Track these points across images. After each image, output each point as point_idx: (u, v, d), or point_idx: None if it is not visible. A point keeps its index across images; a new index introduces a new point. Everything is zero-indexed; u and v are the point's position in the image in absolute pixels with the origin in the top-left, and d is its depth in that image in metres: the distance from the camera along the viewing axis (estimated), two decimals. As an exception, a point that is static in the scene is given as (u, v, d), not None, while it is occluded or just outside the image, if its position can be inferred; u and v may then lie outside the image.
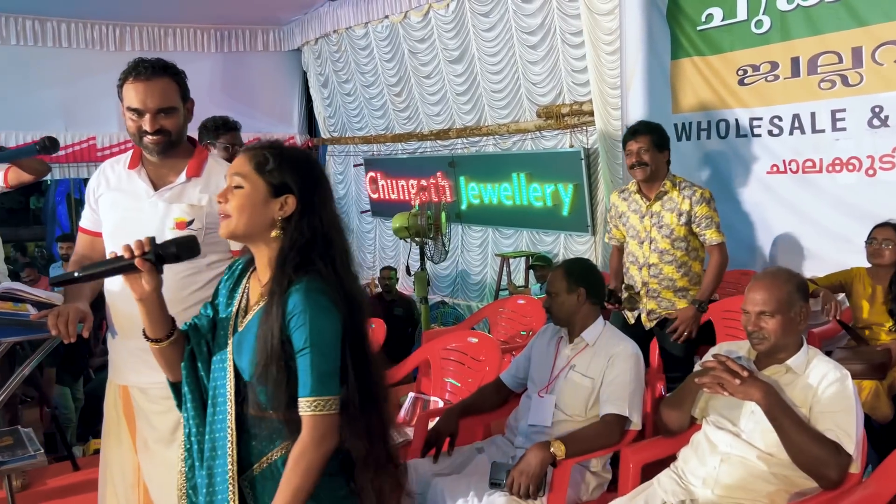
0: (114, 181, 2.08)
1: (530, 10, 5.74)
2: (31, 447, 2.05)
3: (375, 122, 7.90)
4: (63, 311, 1.84)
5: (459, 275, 7.16)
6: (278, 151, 1.50)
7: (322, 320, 1.42)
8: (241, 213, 1.47)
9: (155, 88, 1.96)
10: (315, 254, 1.46)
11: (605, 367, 2.34)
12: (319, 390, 1.41)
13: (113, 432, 2.09)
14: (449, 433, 2.34)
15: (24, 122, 6.92)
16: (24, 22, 7.06)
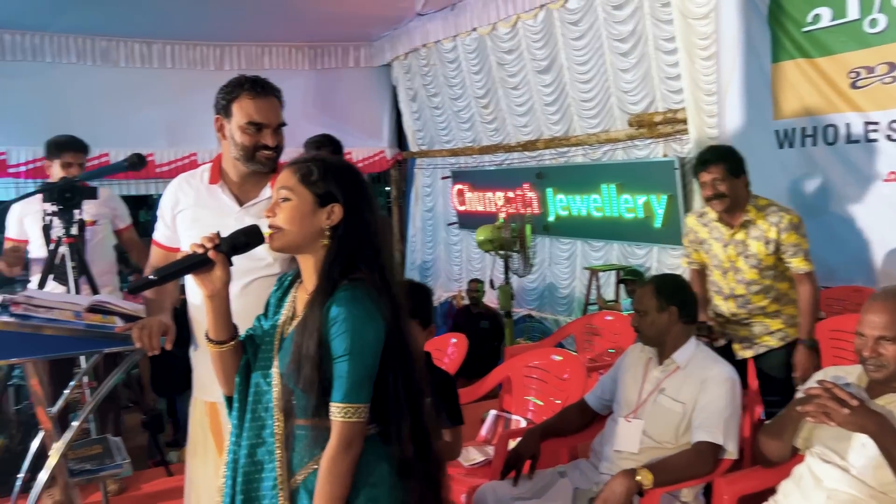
0: (193, 197, 2.10)
1: (621, 18, 5.59)
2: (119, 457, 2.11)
3: (463, 135, 7.89)
4: (147, 324, 1.88)
5: (547, 288, 7.03)
6: (321, 163, 1.52)
7: (364, 329, 1.43)
8: (291, 224, 1.49)
9: (273, 105, 2.01)
10: (361, 261, 1.48)
11: (698, 391, 2.19)
12: (352, 397, 1.42)
13: (199, 450, 2.10)
14: (530, 455, 2.26)
15: (131, 140, 7.27)
16: (133, 45, 7.46)
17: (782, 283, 3.00)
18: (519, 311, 7.28)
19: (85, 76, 7.28)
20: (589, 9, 5.84)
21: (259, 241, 1.54)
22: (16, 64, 7.00)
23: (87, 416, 1.99)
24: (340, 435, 1.42)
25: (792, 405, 1.94)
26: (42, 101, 7.01)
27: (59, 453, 1.92)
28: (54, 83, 7.12)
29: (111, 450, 2.14)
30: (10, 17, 6.67)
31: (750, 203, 2.96)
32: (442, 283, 8.53)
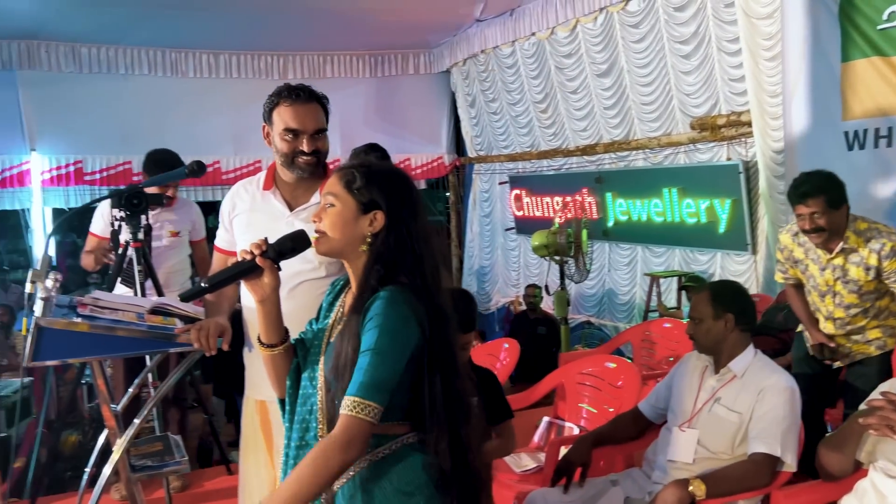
0: (248, 202, 2.17)
1: (683, 19, 5.49)
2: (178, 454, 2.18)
3: (521, 140, 7.87)
4: (204, 326, 1.94)
5: (606, 294, 6.93)
6: (366, 169, 1.53)
7: (396, 330, 1.41)
8: (334, 230, 1.51)
9: (311, 111, 2.05)
10: (402, 267, 1.48)
11: (755, 401, 2.13)
12: (366, 394, 1.38)
13: (251, 447, 2.16)
14: (581, 463, 2.23)
15: (199, 148, 7.47)
16: (200, 56, 7.72)
17: (882, 300, 2.92)
18: (577, 318, 7.21)
19: (156, 87, 7.57)
20: (650, 11, 5.75)
21: (305, 245, 1.57)
22: (92, 76, 7.33)
23: (148, 415, 2.06)
24: (343, 429, 1.37)
25: (854, 417, 1.87)
26: (116, 111, 7.34)
27: (122, 449, 2.00)
28: (127, 94, 7.43)
29: (171, 447, 2.22)
30: (87, 32, 7.00)
31: (849, 229, 2.82)
32: (499, 289, 8.51)
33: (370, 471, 1.46)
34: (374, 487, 1.45)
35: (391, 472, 1.46)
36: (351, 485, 1.47)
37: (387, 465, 1.46)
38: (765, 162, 4.88)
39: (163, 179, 3.16)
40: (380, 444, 1.46)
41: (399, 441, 1.48)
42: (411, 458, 1.47)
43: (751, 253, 5.35)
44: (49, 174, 7.39)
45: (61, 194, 7.44)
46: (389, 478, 1.46)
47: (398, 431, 1.49)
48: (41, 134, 7.29)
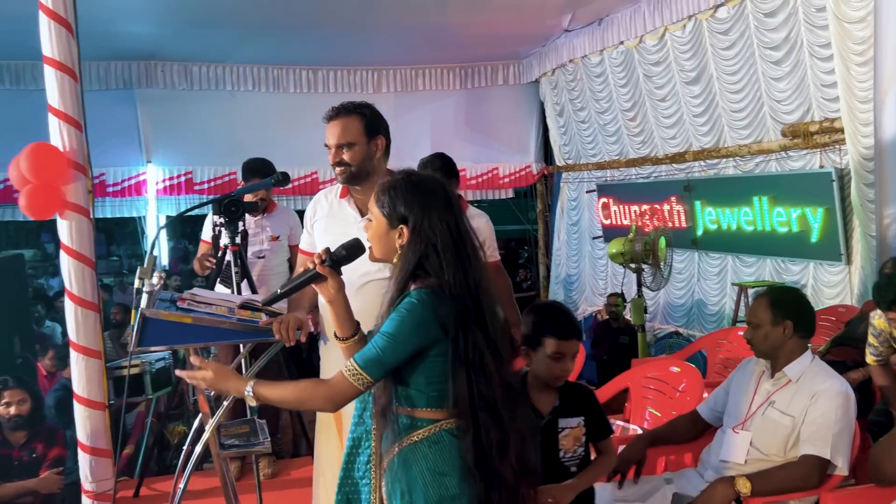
0: (326, 209, 2.39)
1: (774, 25, 5.39)
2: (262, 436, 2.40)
3: (609, 148, 7.87)
4: (285, 320, 2.16)
5: (695, 304, 6.83)
6: (392, 189, 1.70)
7: (410, 325, 1.59)
8: (374, 242, 1.74)
9: (336, 127, 2.26)
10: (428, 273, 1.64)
11: (808, 404, 2.14)
12: (364, 365, 1.60)
13: (324, 430, 2.37)
14: (636, 460, 2.30)
15: (298, 158, 7.92)
16: (300, 72, 8.15)
17: None
18: (665, 328, 7.13)
19: (259, 102, 8.06)
20: (739, 17, 5.67)
21: (359, 253, 1.78)
22: (202, 93, 7.89)
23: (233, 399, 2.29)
24: (334, 383, 1.62)
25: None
26: (223, 125, 7.85)
27: (211, 427, 2.24)
28: (233, 109, 7.94)
29: (257, 430, 2.45)
30: (198, 52, 7.55)
31: None
32: (586, 298, 8.51)
33: (409, 449, 1.63)
34: (412, 464, 1.62)
35: (428, 453, 1.62)
36: (395, 460, 1.64)
37: (424, 447, 1.63)
38: (855, 169, 4.73)
39: (253, 188, 3.44)
40: (420, 426, 1.63)
41: (437, 425, 1.64)
42: (447, 442, 1.63)
43: (845, 263, 5.18)
44: (163, 184, 8.00)
45: (173, 203, 8.03)
46: (426, 457, 1.62)
47: (436, 417, 1.64)
48: (156, 147, 7.91)
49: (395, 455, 1.65)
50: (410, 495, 1.60)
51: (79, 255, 3.34)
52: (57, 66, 3.31)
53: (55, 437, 3.93)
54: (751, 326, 2.34)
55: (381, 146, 2.30)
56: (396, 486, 1.63)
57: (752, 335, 2.34)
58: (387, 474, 1.66)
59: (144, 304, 2.03)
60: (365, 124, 2.27)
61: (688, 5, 6.01)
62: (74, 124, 3.37)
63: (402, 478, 1.61)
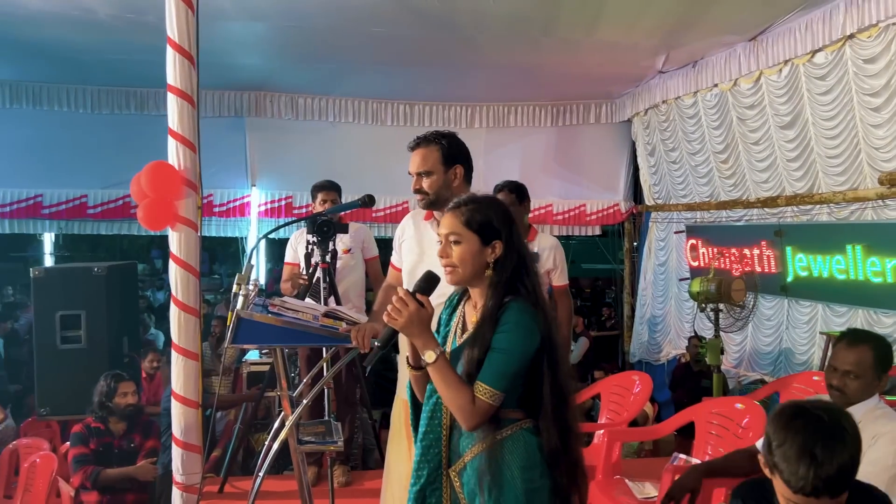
0: (413, 230, 2.58)
1: (874, 71, 5.28)
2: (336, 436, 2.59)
3: (700, 189, 7.80)
4: (362, 328, 2.35)
5: (783, 353, 6.63)
6: (476, 207, 1.83)
7: (522, 336, 1.73)
8: (464, 264, 1.83)
9: (416, 157, 2.46)
10: (518, 281, 1.78)
11: (868, 446, 2.13)
12: (493, 382, 1.71)
13: (395, 441, 2.52)
14: (690, 489, 2.34)
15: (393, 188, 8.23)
16: (398, 106, 8.52)
17: None
18: (750, 375, 6.94)
19: (358, 133, 8.46)
20: (838, 62, 5.59)
21: (436, 283, 1.86)
22: (306, 123, 8.38)
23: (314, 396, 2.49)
24: (477, 407, 1.72)
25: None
26: (323, 153, 8.28)
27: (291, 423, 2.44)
28: (334, 139, 8.39)
29: (332, 430, 2.64)
30: (303, 84, 8.05)
31: None
32: (671, 340, 8.38)
33: (496, 448, 1.77)
34: (500, 461, 1.76)
35: (514, 450, 1.77)
36: (480, 458, 1.78)
37: (510, 444, 1.77)
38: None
39: (342, 208, 3.69)
40: (502, 426, 1.78)
41: (517, 425, 1.79)
42: (528, 440, 1.78)
43: (940, 315, 4.97)
44: (264, 206, 8.50)
45: (273, 225, 8.50)
46: (513, 454, 1.76)
47: (514, 416, 1.79)
48: (261, 172, 8.43)
49: (479, 453, 1.78)
50: (500, 490, 1.73)
51: (185, 264, 3.67)
52: (178, 93, 3.69)
53: (151, 429, 4.27)
54: (844, 374, 2.31)
55: (459, 174, 2.46)
56: (484, 482, 1.75)
57: (844, 383, 2.31)
58: (467, 473, 1.79)
59: (240, 306, 2.26)
60: (443, 154, 2.43)
61: (784, 50, 5.97)
62: (190, 146, 3.73)
63: (489, 473, 1.74)
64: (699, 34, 6.35)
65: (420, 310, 1.78)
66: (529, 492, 1.73)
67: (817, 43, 5.62)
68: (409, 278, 2.51)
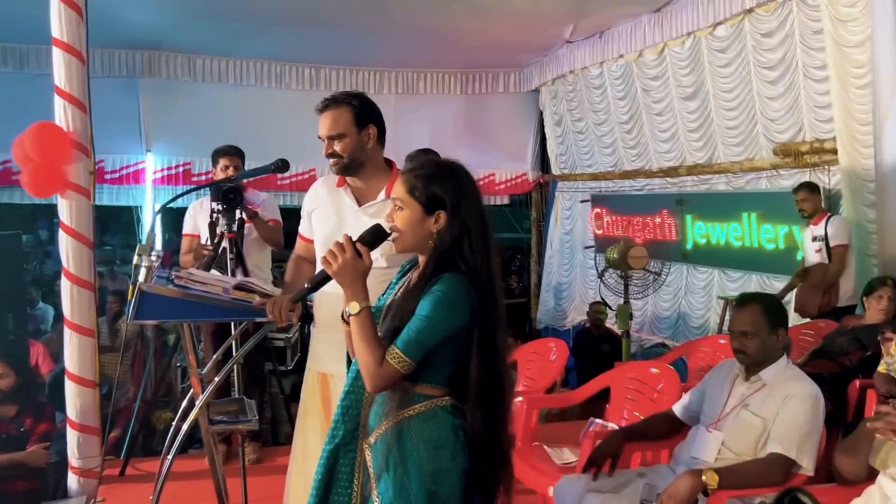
0: (325, 197, 2.43)
1: (770, 45, 5.50)
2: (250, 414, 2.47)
3: (604, 159, 7.96)
4: (278, 301, 2.22)
5: (682, 317, 6.91)
6: (425, 175, 1.73)
7: (446, 308, 1.64)
8: (406, 231, 1.74)
9: (326, 119, 2.29)
10: (459, 254, 1.69)
11: (780, 406, 2.22)
12: (405, 349, 1.64)
13: (310, 416, 2.41)
14: (611, 454, 2.37)
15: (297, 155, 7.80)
16: (303, 69, 8.22)
17: None
18: (652, 339, 7.21)
19: (261, 97, 8.11)
20: (737, 36, 5.77)
21: (383, 237, 1.78)
22: (205, 85, 7.95)
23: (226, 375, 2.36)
24: (383, 369, 1.64)
25: (864, 423, 1.94)
26: (224, 118, 7.87)
27: (201, 403, 2.31)
28: (235, 103, 8.00)
29: (245, 408, 2.51)
30: (203, 44, 7.62)
31: None
32: (576, 306, 8.59)
33: (403, 424, 1.69)
34: (405, 437, 1.68)
35: (423, 427, 1.68)
36: (388, 433, 1.70)
37: (419, 421, 1.69)
38: (854, 189, 4.83)
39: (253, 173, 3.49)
40: (416, 401, 1.69)
41: (432, 402, 1.70)
42: (442, 418, 1.69)
43: (829, 281, 5.27)
44: (161, 174, 8.05)
45: (170, 193, 8.05)
46: (420, 430, 1.68)
47: (431, 392, 1.71)
48: (156, 136, 7.96)
49: (388, 429, 1.70)
50: (404, 466, 1.66)
51: (78, 234, 3.40)
52: (65, 48, 3.38)
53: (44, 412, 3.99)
54: (741, 335, 2.36)
55: (372, 135, 2.33)
56: (390, 459, 1.68)
57: (743, 344, 2.36)
58: (375, 447, 1.72)
59: (142, 279, 2.09)
60: (354, 114, 2.29)
61: (687, 22, 6.12)
62: (79, 106, 3.44)
63: (395, 450, 1.67)
64: (607, 4, 6.42)
65: (356, 259, 1.69)
66: (436, 472, 1.65)
67: (719, 16, 5.78)
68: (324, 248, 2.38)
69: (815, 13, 5.02)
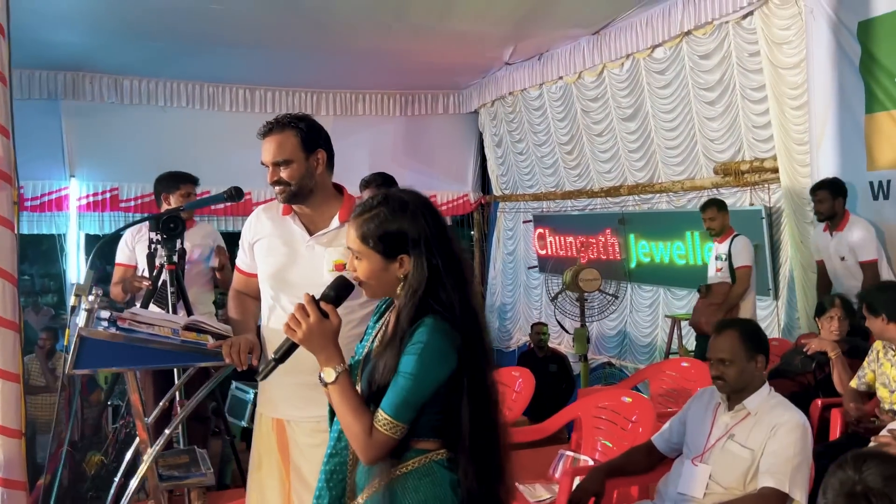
0: (269, 227, 2.23)
1: (708, 67, 5.60)
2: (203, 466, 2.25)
3: (546, 180, 7.98)
4: (235, 342, 2.03)
5: (627, 336, 6.94)
6: (376, 216, 1.56)
7: (431, 360, 1.49)
8: (370, 280, 1.59)
9: (271, 144, 2.11)
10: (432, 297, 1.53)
11: (768, 437, 2.17)
12: (395, 412, 1.48)
13: (265, 464, 2.20)
14: (594, 492, 2.27)
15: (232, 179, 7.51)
16: (237, 90, 7.97)
17: None
18: (598, 359, 7.21)
19: (193, 119, 7.82)
20: (676, 58, 5.87)
21: (349, 290, 1.62)
22: (132, 107, 7.59)
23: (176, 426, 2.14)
24: (374, 439, 1.48)
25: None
26: (153, 141, 7.55)
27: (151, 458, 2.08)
28: (165, 125, 7.67)
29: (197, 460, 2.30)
30: (130, 65, 7.27)
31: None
32: (521, 327, 8.54)
33: (397, 482, 1.52)
34: (401, 498, 1.51)
35: (418, 486, 1.52)
36: (380, 494, 1.53)
37: (414, 479, 1.53)
38: (794, 207, 4.92)
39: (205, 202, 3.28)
40: (408, 457, 1.53)
41: (427, 456, 1.54)
42: (439, 475, 1.53)
43: (773, 298, 5.37)
44: (86, 200, 7.62)
45: (96, 220, 7.66)
46: (416, 490, 1.52)
47: (424, 447, 1.55)
48: (80, 161, 7.53)
49: (379, 490, 1.53)
50: None
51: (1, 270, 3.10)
52: (-15, 68, 3.09)
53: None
54: (719, 363, 2.31)
55: (321, 160, 2.17)
56: None
57: (721, 371, 2.31)
58: None
59: (83, 323, 1.87)
60: (302, 138, 2.12)
61: (626, 44, 6.19)
62: (2, 131, 3.15)
63: None
64: (547, 26, 6.44)
65: (322, 321, 1.53)
66: None
67: (657, 38, 5.88)
68: (273, 281, 2.19)
69: (751, 36, 5.13)
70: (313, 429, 2.06)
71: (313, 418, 2.02)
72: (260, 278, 2.25)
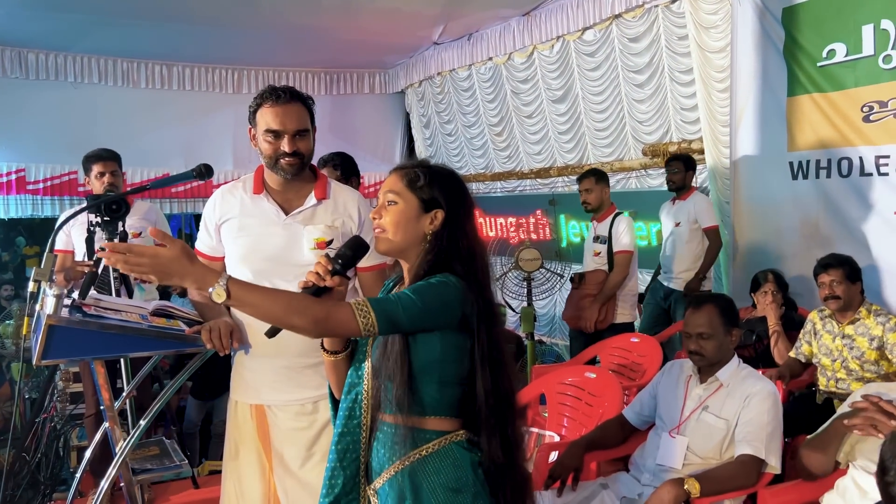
0: (238, 207, 2.14)
1: (637, 50, 5.74)
2: (177, 458, 2.15)
3: (475, 161, 8.01)
4: (214, 326, 1.94)
5: (558, 314, 7.08)
6: (427, 169, 1.58)
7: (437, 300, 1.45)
8: (397, 228, 1.54)
9: (292, 112, 2.04)
10: (456, 260, 1.52)
11: (741, 407, 2.26)
12: (378, 309, 1.42)
13: (242, 452, 2.12)
14: (574, 467, 2.31)
15: (148, 159, 7.37)
16: (153, 67, 7.59)
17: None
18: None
19: (106, 96, 7.40)
20: (605, 40, 5.98)
21: (365, 250, 1.58)
22: (39, 83, 7.12)
23: (151, 419, 2.03)
24: (338, 309, 1.41)
25: (837, 419, 2.01)
26: (63, 119, 7.13)
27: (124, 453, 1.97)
28: (76, 102, 7.24)
29: (168, 451, 2.19)
30: (35, 37, 6.80)
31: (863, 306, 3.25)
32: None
33: (417, 465, 1.49)
34: (421, 481, 1.48)
35: (439, 468, 1.49)
36: (399, 476, 1.50)
37: (436, 461, 1.50)
38: (717, 187, 5.12)
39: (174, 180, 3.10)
40: (427, 438, 1.50)
41: (447, 438, 1.51)
42: (459, 456, 1.51)
43: (700, 275, 5.57)
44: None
45: (1, 202, 7.17)
46: (437, 473, 1.49)
47: (447, 427, 1.52)
48: (-18, 140, 7.03)
49: (398, 471, 1.50)
50: None
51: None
52: None
53: None
54: (698, 337, 2.37)
55: (315, 138, 2.16)
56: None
57: (700, 346, 2.37)
58: (383, 493, 1.51)
59: (51, 310, 1.74)
60: (311, 114, 2.11)
61: (556, 26, 6.26)
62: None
63: (410, 497, 1.47)
64: (477, 6, 6.42)
65: (160, 250, 1.41)
66: None
67: (588, 20, 5.96)
68: (246, 263, 2.09)
69: (680, 20, 5.29)
70: (298, 412, 2.01)
71: (297, 401, 1.97)
72: (231, 259, 2.16)
